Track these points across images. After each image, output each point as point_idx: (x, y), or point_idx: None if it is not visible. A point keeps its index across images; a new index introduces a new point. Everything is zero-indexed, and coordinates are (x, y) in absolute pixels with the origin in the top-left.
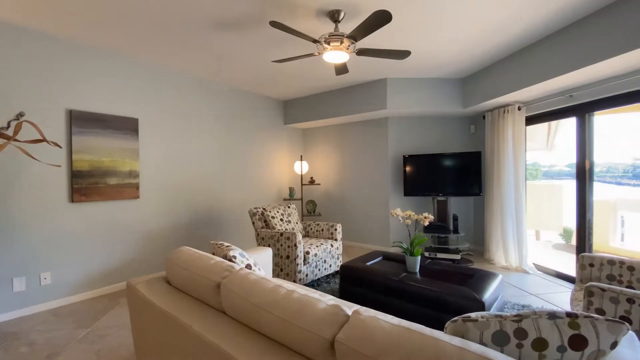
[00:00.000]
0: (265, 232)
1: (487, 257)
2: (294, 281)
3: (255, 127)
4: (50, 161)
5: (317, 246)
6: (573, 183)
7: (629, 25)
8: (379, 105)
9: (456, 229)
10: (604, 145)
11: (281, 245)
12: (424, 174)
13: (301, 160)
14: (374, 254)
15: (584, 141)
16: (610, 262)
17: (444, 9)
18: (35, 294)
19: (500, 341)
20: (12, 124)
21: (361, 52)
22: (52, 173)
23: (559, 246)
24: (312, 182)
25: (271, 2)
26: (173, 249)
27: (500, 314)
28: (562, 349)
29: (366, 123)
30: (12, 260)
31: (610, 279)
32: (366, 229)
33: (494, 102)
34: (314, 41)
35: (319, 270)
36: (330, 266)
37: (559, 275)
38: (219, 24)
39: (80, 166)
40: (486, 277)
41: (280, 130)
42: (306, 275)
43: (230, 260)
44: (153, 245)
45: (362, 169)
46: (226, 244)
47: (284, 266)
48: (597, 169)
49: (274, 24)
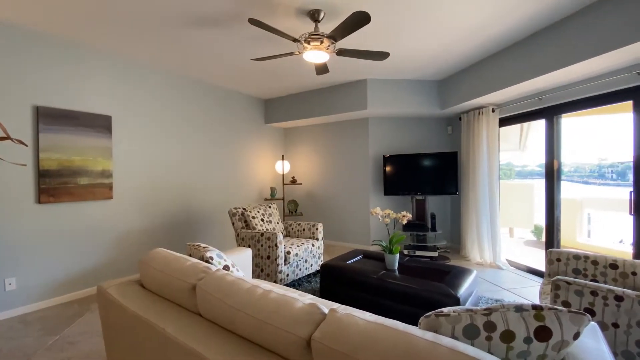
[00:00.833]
0: (245, 232)
1: (463, 254)
2: (274, 281)
3: (235, 126)
4: (15, 160)
5: (298, 246)
6: (543, 182)
7: (595, 33)
8: (359, 106)
9: (434, 227)
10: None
11: (262, 245)
12: (403, 173)
13: (282, 159)
14: (354, 252)
15: (552, 142)
16: (576, 257)
17: (421, 13)
18: None
19: (470, 334)
20: None
21: (341, 53)
22: (17, 173)
23: (530, 243)
24: (293, 181)
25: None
26: (148, 251)
27: (471, 308)
28: (528, 340)
29: (347, 123)
30: None
31: (576, 273)
32: (347, 228)
33: (469, 103)
34: (294, 40)
35: (300, 270)
36: (312, 265)
37: (530, 270)
38: (197, 20)
39: (48, 165)
40: (461, 273)
41: (261, 129)
42: (287, 275)
43: (207, 261)
44: (127, 247)
45: (343, 169)
46: (203, 245)
47: (265, 267)
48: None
49: (253, 21)
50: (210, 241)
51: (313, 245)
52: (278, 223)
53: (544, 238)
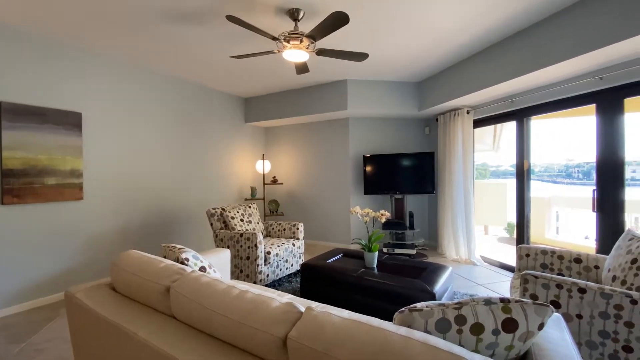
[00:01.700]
0: (224, 233)
1: (440, 251)
2: (254, 282)
3: (214, 125)
4: None
5: (278, 246)
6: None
7: (561, 39)
8: (340, 106)
9: (412, 225)
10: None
11: (241, 246)
12: (382, 173)
13: (263, 159)
14: (335, 251)
15: (522, 143)
16: (544, 252)
17: (399, 16)
18: None
19: (442, 328)
20: None
21: (321, 52)
22: None
23: (503, 240)
24: (274, 181)
25: None
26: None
27: (443, 302)
28: (496, 332)
29: (328, 123)
30: None
31: (543, 267)
32: (328, 228)
33: (445, 105)
34: (273, 38)
35: (280, 270)
36: (292, 265)
37: (503, 265)
38: (173, 15)
39: (12, 164)
40: (437, 270)
41: (241, 128)
42: (267, 275)
43: (182, 263)
44: (99, 250)
45: (324, 169)
46: (179, 246)
47: (244, 267)
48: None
49: (231, 18)
50: (187, 243)
51: (294, 245)
52: (258, 223)
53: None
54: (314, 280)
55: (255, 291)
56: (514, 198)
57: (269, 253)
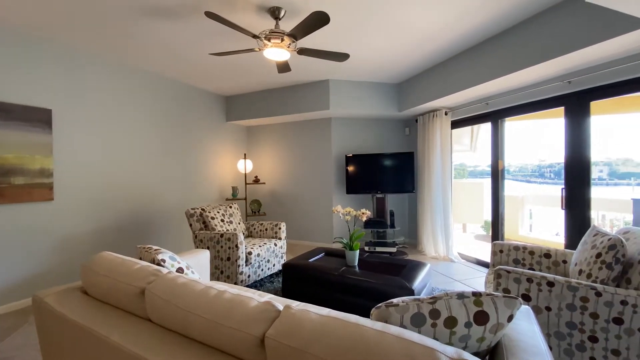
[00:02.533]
0: (203, 234)
1: (420, 248)
2: (235, 283)
3: (194, 123)
4: None
5: (260, 246)
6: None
7: (532, 43)
8: (322, 106)
9: (393, 223)
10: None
11: (221, 247)
12: (364, 172)
13: (245, 158)
14: (317, 250)
15: (497, 144)
16: (516, 248)
17: (379, 18)
18: None
19: (417, 322)
20: None
21: (302, 52)
22: None
23: (480, 237)
24: (256, 181)
25: None
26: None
27: (418, 297)
28: (468, 325)
29: (311, 123)
30: None
31: (516, 263)
32: (311, 227)
33: (424, 106)
34: (254, 36)
35: (262, 270)
36: (274, 265)
37: (479, 262)
38: (150, 10)
39: None
40: (416, 267)
41: (222, 126)
42: (248, 276)
43: (158, 264)
44: (71, 253)
45: (307, 168)
46: (155, 247)
47: (225, 268)
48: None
49: (210, 14)
50: (166, 244)
51: (275, 245)
52: (239, 223)
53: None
54: (296, 280)
55: (234, 291)
56: (490, 197)
57: (250, 253)
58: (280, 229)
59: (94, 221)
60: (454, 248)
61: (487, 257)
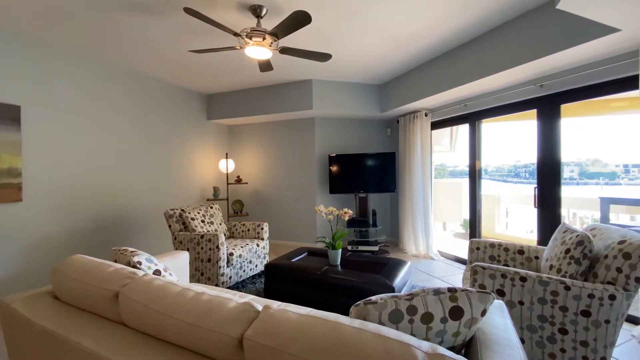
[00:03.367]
0: (183, 235)
1: (401, 247)
2: (216, 285)
3: (174, 121)
4: None
5: (242, 247)
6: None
7: (509, 47)
8: (305, 106)
9: (375, 223)
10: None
11: (202, 248)
12: (347, 172)
13: (227, 158)
14: (299, 250)
15: (474, 145)
16: (492, 245)
17: (361, 20)
18: None
19: (395, 319)
20: None
21: (284, 51)
22: None
23: (459, 235)
24: (238, 181)
25: None
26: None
27: (396, 294)
28: (444, 320)
29: (294, 122)
30: None
31: (491, 259)
32: (294, 227)
33: (405, 107)
34: (235, 34)
35: (244, 271)
36: (257, 266)
37: (458, 259)
38: (128, 4)
39: None
40: (397, 265)
41: (203, 125)
42: (230, 277)
43: (134, 266)
44: (41, 256)
45: (290, 168)
46: (131, 249)
47: (205, 270)
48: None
49: (189, 10)
50: (144, 246)
51: (258, 245)
52: (221, 224)
53: None
54: (279, 280)
55: (213, 293)
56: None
57: (231, 254)
58: (262, 229)
59: (66, 223)
60: (434, 246)
61: (465, 255)
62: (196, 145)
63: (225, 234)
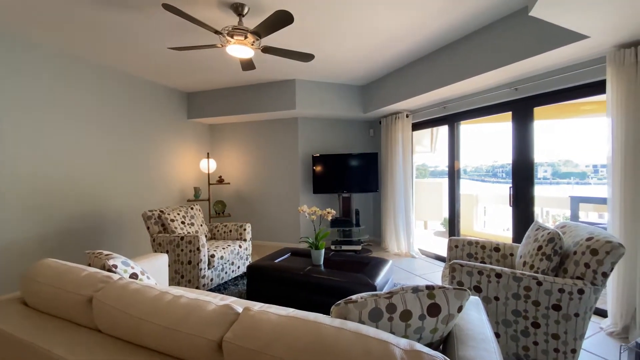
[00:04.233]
0: (162, 237)
1: (384, 246)
2: (197, 287)
3: (152, 120)
4: None
5: (223, 248)
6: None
7: (487, 51)
8: (288, 106)
9: (358, 222)
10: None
11: (182, 250)
12: (331, 172)
13: (208, 158)
14: (282, 251)
15: (453, 145)
16: (469, 243)
17: (345, 18)
18: None
19: (375, 317)
20: None
21: (266, 50)
22: None
23: (439, 233)
24: (220, 181)
25: None
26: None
27: (376, 293)
28: (422, 317)
29: (277, 122)
30: None
31: (469, 257)
32: (277, 228)
33: (387, 109)
34: (216, 32)
35: (225, 273)
36: (239, 268)
37: (438, 257)
38: None
39: None
40: (379, 263)
41: (184, 124)
42: (211, 280)
43: (109, 270)
44: (9, 261)
45: (273, 168)
46: (106, 252)
47: (185, 272)
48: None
49: (167, 7)
50: (121, 249)
51: (240, 246)
52: (202, 225)
53: None
54: (261, 281)
55: (191, 296)
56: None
57: (212, 256)
58: (245, 230)
59: (35, 226)
60: (415, 244)
61: (445, 252)
62: (176, 144)
63: (206, 236)
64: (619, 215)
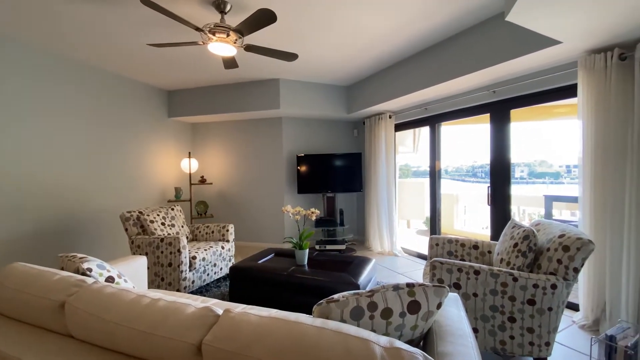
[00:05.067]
0: (141, 239)
1: (367, 245)
2: (177, 290)
3: (130, 118)
4: None
5: (205, 250)
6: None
7: (466, 54)
8: (272, 105)
9: (342, 222)
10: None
11: (162, 252)
12: (315, 172)
13: (189, 157)
14: (266, 251)
15: (434, 146)
16: (450, 241)
17: (328, 17)
18: None
19: (356, 316)
20: None
21: (249, 48)
22: None
23: (421, 232)
24: (202, 181)
25: None
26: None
27: (358, 292)
28: (403, 315)
29: (261, 122)
30: None
31: (449, 254)
32: (261, 228)
33: (371, 109)
34: (197, 29)
35: (207, 275)
36: (221, 269)
37: (420, 255)
38: None
39: None
40: (362, 262)
41: (164, 123)
42: (192, 282)
43: (83, 273)
44: None
45: (257, 168)
46: (80, 255)
47: (166, 275)
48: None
49: (146, 2)
50: (98, 252)
51: (223, 247)
52: (183, 226)
53: None
54: (244, 283)
55: (170, 299)
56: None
57: (194, 258)
58: (228, 230)
59: (6, 229)
60: (397, 243)
61: (426, 251)
62: (156, 143)
63: (187, 237)
64: (589, 213)
